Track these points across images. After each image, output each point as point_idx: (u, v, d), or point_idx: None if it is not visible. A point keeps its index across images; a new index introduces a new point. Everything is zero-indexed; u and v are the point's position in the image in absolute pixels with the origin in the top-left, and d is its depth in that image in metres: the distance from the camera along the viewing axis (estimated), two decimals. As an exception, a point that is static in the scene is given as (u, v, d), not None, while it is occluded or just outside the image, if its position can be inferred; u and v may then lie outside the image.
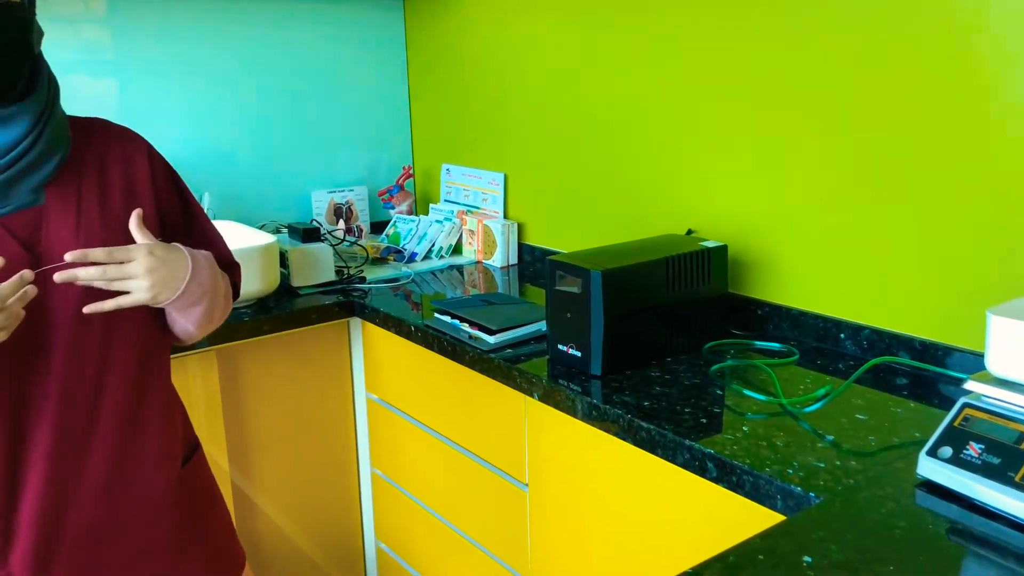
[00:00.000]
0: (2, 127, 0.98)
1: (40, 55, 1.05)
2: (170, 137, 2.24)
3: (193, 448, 1.29)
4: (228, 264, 1.28)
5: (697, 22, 1.71)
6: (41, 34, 1.06)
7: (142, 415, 1.15)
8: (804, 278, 1.61)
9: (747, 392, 1.35)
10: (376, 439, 2.06)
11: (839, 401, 1.32)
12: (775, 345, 1.58)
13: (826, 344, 1.58)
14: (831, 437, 1.19)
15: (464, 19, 2.36)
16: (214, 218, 2.16)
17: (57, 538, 1.09)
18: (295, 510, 2.05)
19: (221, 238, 1.27)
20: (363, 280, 2.11)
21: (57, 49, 2.04)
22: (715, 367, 1.47)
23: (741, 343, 1.60)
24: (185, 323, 1.16)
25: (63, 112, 1.08)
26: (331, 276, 2.08)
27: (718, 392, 1.37)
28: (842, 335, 1.55)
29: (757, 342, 1.60)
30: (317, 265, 2.06)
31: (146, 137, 1.21)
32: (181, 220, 1.22)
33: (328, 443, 2.08)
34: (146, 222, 1.10)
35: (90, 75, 2.11)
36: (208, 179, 2.30)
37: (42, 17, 1.10)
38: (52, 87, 1.05)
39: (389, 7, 2.56)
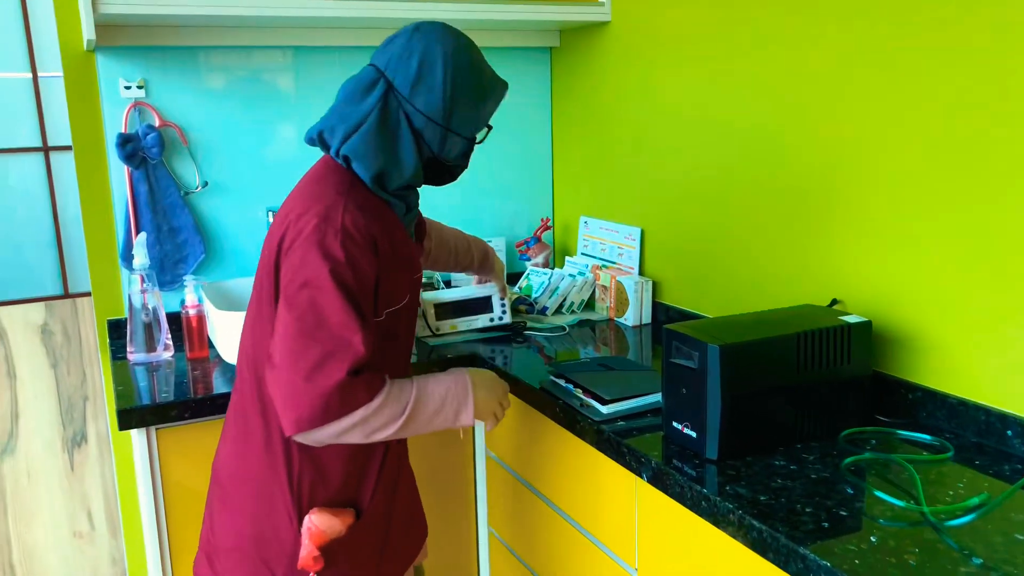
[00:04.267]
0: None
1: None
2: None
3: None
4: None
5: (844, 84, 1.57)
6: None
7: None
8: (967, 362, 1.41)
9: (879, 494, 1.19)
10: (493, 498, 2.01)
11: (996, 514, 1.13)
12: (926, 437, 1.39)
13: (988, 440, 1.37)
14: (979, 560, 1.02)
15: (608, 75, 2.32)
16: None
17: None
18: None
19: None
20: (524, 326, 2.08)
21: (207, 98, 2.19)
22: (847, 460, 1.30)
23: (886, 432, 1.43)
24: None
25: None
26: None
27: (848, 491, 1.21)
28: (1009, 432, 1.34)
29: (904, 432, 1.42)
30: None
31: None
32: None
33: (449, 498, 2.05)
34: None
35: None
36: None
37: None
38: None
39: (537, 63, 2.56)
